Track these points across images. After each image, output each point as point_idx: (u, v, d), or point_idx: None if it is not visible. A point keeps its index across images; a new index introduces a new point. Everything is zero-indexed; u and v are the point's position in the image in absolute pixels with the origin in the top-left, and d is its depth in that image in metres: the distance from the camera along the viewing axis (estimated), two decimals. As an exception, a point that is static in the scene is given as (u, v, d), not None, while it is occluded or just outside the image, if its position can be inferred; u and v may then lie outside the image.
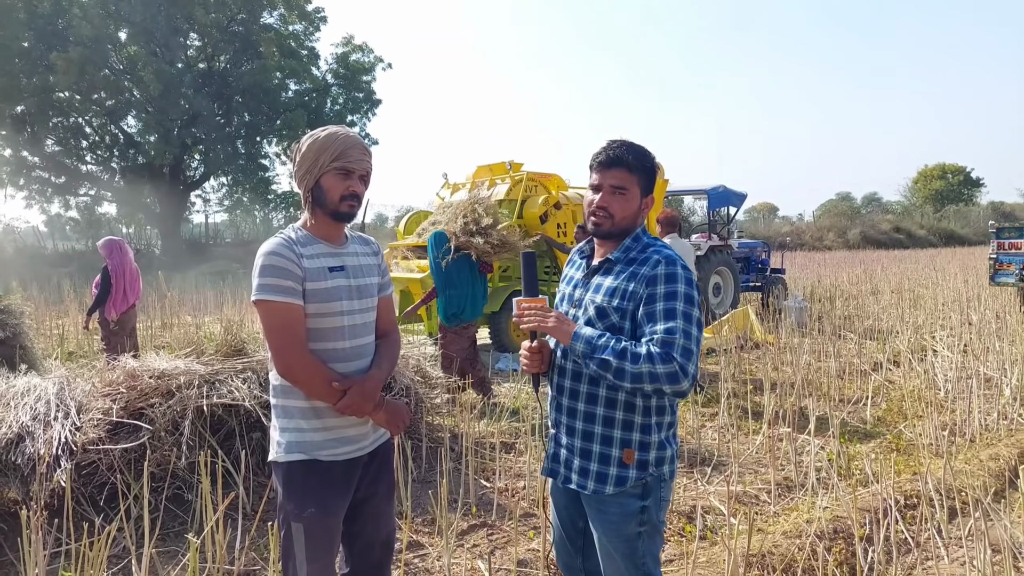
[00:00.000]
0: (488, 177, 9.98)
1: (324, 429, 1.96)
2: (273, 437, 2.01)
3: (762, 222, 49.02)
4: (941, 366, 6.59)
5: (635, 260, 1.93)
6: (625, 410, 1.92)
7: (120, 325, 6.12)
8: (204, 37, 27.32)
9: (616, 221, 1.93)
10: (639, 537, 1.94)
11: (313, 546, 1.91)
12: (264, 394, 3.97)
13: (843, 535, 3.36)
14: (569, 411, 2.00)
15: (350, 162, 1.95)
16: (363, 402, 1.94)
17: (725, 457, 4.68)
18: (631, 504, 1.92)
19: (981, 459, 4.26)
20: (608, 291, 1.92)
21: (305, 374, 1.90)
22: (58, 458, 3.32)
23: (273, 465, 2.00)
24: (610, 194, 1.92)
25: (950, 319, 10.22)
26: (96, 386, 3.76)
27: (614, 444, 1.92)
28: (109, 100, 26.01)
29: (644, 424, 1.92)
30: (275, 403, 2.01)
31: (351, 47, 30.40)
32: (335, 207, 1.97)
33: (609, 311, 1.91)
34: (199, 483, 3.59)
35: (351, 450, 2.00)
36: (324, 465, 1.95)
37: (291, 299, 1.89)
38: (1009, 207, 50.98)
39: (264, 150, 30.74)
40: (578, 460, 1.97)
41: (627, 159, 1.91)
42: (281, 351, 1.89)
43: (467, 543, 3.53)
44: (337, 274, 1.98)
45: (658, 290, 1.84)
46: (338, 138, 1.95)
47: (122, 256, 6.18)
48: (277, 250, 1.90)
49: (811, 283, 15.83)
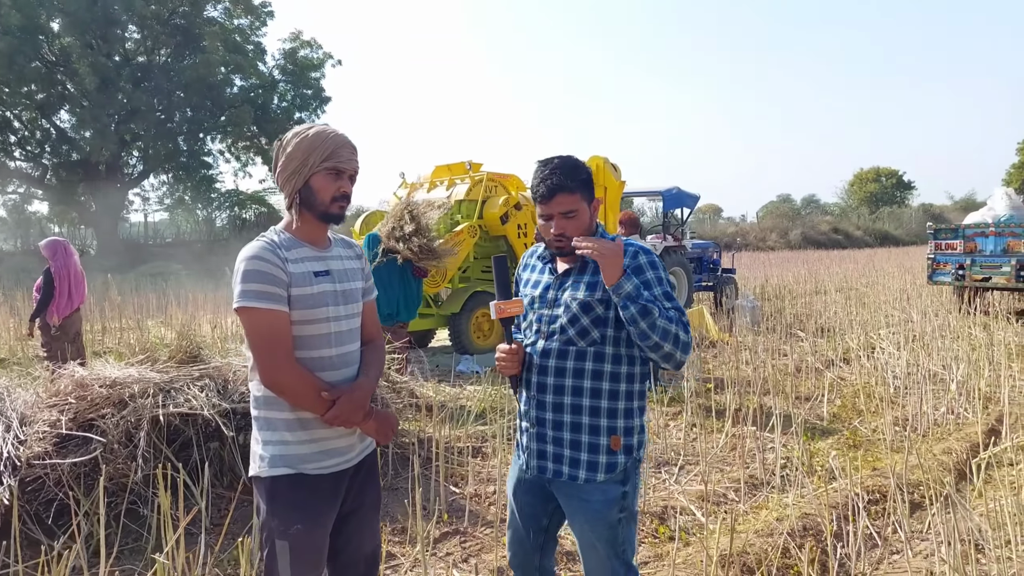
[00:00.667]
0: (447, 177, 9.89)
1: (311, 441, 1.87)
2: (255, 451, 1.90)
3: (708, 223, 50.10)
4: (889, 363, 6.81)
5: None
6: (610, 399, 2.01)
7: (63, 330, 5.80)
8: (144, 29, 26.38)
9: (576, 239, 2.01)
10: (620, 524, 2.02)
11: (299, 564, 1.82)
12: (223, 402, 3.81)
13: (812, 532, 3.41)
14: (555, 407, 2.04)
15: (341, 162, 1.87)
16: (353, 412, 1.86)
17: (691, 456, 4.72)
18: (613, 491, 2.00)
19: (935, 453, 4.40)
20: (589, 286, 2.00)
21: (292, 384, 1.81)
22: (0, 474, 3.10)
23: (255, 480, 1.89)
24: (562, 219, 2.00)
25: (892, 317, 10.61)
26: (40, 396, 3.54)
27: (602, 432, 2.00)
28: (40, 93, 24.81)
29: (627, 409, 2.02)
30: (257, 415, 1.90)
31: (299, 43, 29.80)
32: (325, 209, 1.89)
33: (593, 304, 1.99)
34: (156, 497, 3.41)
35: (338, 462, 1.92)
36: (311, 479, 1.85)
37: (276, 306, 1.79)
38: (939, 209, 53.31)
39: (207, 147, 29.90)
40: (568, 451, 2.02)
41: (566, 184, 1.98)
42: (266, 361, 1.79)
43: (440, 551, 3.45)
44: (323, 279, 1.89)
45: (649, 276, 1.97)
46: (328, 137, 1.87)
47: (66, 257, 5.86)
48: (260, 254, 1.81)
49: (759, 283, 16.23)
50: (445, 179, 9.89)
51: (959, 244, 11.23)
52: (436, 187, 9.94)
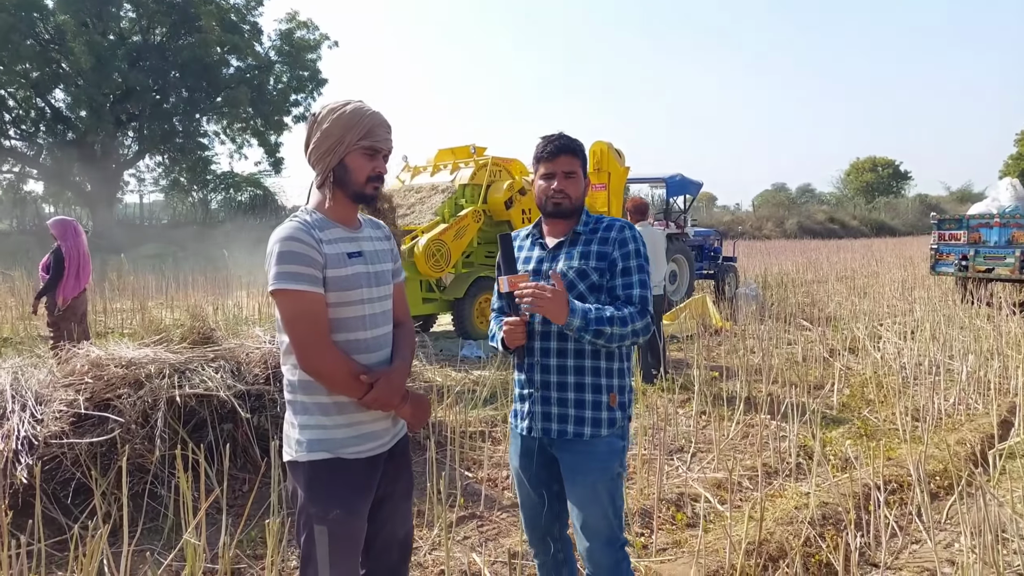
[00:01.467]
0: (451, 160, 9.82)
1: (347, 425, 1.83)
2: (291, 435, 1.86)
3: (703, 211, 50.09)
4: (896, 353, 6.82)
5: (599, 228, 2.20)
6: (607, 359, 2.16)
7: (70, 310, 5.74)
8: (139, 8, 26.00)
9: (573, 200, 2.18)
10: (619, 477, 2.17)
11: (337, 550, 1.79)
12: (238, 383, 3.78)
13: (832, 521, 3.42)
14: (559, 369, 2.15)
15: (378, 141, 1.83)
16: (391, 395, 1.83)
17: (702, 444, 4.71)
18: (616, 443, 2.16)
19: (949, 443, 4.41)
20: (583, 255, 2.16)
21: (330, 368, 1.77)
22: (17, 453, 3.07)
23: (291, 465, 1.86)
24: (564, 178, 2.16)
25: (896, 307, 10.63)
26: (55, 375, 3.49)
27: (603, 391, 2.15)
28: (35, 72, 24.47)
29: (620, 369, 2.19)
30: (292, 399, 1.86)
31: (295, 23, 29.46)
32: (360, 189, 1.85)
33: (589, 272, 2.15)
34: (173, 478, 3.39)
35: (374, 447, 1.89)
36: (348, 464, 1.83)
37: (312, 288, 1.75)
38: (935, 199, 53.38)
39: (203, 128, 29.61)
40: (573, 411, 2.14)
41: (571, 146, 2.19)
42: (304, 344, 1.75)
43: (458, 535, 3.44)
44: (356, 260, 1.85)
45: (628, 250, 2.15)
46: (366, 115, 1.82)
47: (76, 238, 5.80)
48: (295, 235, 1.76)
49: (759, 271, 16.23)
50: (449, 163, 9.82)
51: (963, 235, 11.23)
52: (440, 171, 9.87)
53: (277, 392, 3.93)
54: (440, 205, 9.04)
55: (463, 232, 8.63)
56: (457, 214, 8.79)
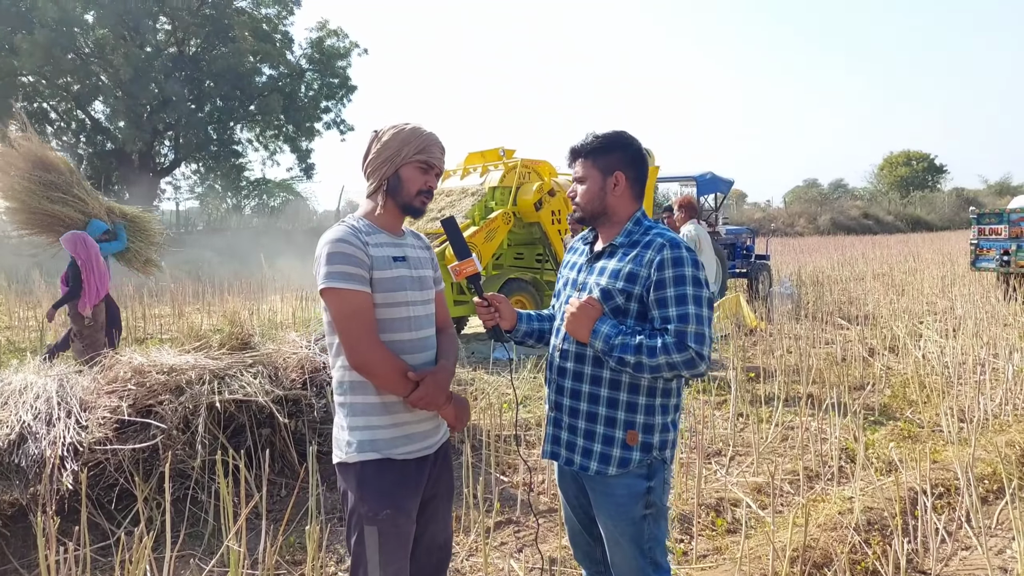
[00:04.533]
0: (480, 163, 9.83)
1: (395, 426, 1.90)
2: (340, 437, 1.93)
3: (734, 208, 49.42)
4: (939, 352, 6.64)
5: (638, 243, 1.96)
6: (629, 392, 1.94)
7: (95, 319, 5.96)
8: (175, 20, 26.52)
9: (582, 207, 2.04)
10: (644, 520, 1.95)
11: (387, 550, 1.84)
12: (276, 388, 3.82)
13: (878, 527, 3.33)
14: (572, 392, 2.01)
15: (432, 157, 1.95)
16: (437, 394, 1.89)
17: (740, 447, 4.64)
18: (638, 485, 1.94)
19: (997, 445, 4.27)
20: (613, 273, 1.96)
21: (379, 365, 1.84)
22: (63, 459, 3.14)
23: (342, 467, 1.92)
24: (577, 184, 2.06)
25: (935, 304, 10.36)
26: (99, 382, 3.57)
27: (618, 425, 1.94)
28: (76, 85, 25.14)
29: (648, 405, 1.94)
30: (342, 401, 1.93)
31: (326, 32, 29.76)
32: (409, 200, 1.95)
33: (614, 292, 1.93)
34: (214, 483, 3.43)
35: (421, 448, 1.95)
36: (397, 464, 1.89)
37: (361, 287, 1.84)
38: (971, 193, 51.98)
39: (237, 136, 30.10)
40: (582, 441, 1.99)
41: (578, 149, 2.03)
42: (354, 341, 1.83)
43: (495, 541, 3.43)
44: (400, 264, 1.95)
45: (666, 275, 1.87)
46: (423, 133, 1.95)
47: (87, 249, 6.02)
48: (344, 237, 1.86)
49: (793, 269, 15.96)
50: (478, 166, 9.84)
51: (1004, 229, 10.91)
52: (469, 174, 9.90)
53: (314, 396, 3.97)
54: (470, 208, 9.05)
55: (493, 234, 8.64)
56: (487, 216, 8.80)
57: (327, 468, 3.89)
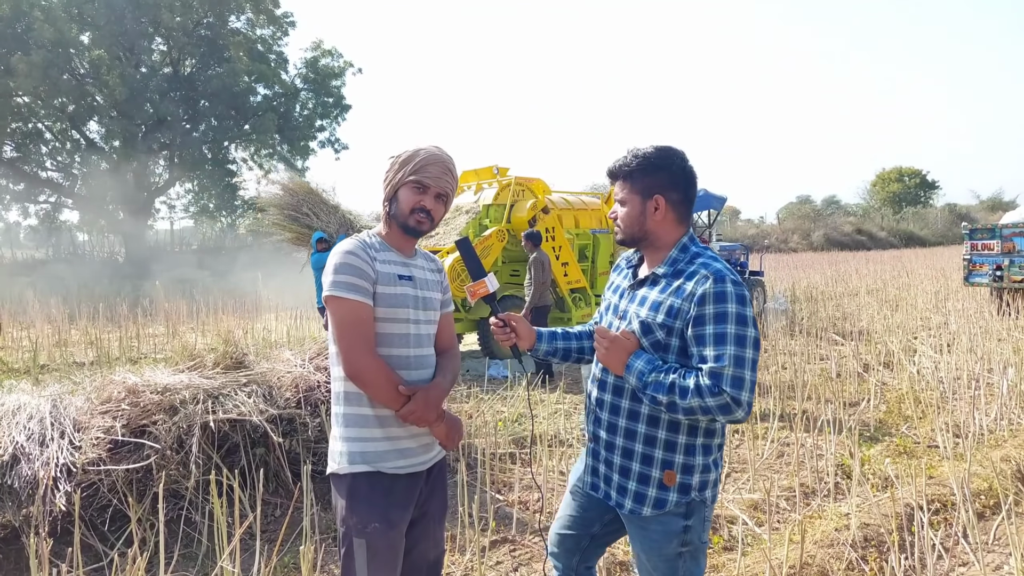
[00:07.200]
0: (475, 181, 9.88)
1: (387, 440, 1.92)
2: (334, 448, 1.96)
3: (727, 224, 49.64)
4: (933, 367, 6.66)
5: (682, 273, 1.84)
6: (669, 430, 1.84)
7: None
8: (170, 41, 26.70)
9: (623, 230, 1.96)
10: (680, 558, 1.87)
11: (376, 563, 1.85)
12: (270, 407, 3.81)
13: (874, 543, 3.32)
14: (609, 426, 1.93)
15: (426, 177, 1.97)
16: (428, 410, 1.91)
17: (736, 464, 4.63)
18: (674, 524, 1.85)
19: (993, 460, 4.28)
20: (653, 305, 1.85)
21: (372, 375, 1.88)
22: (56, 480, 3.11)
23: (334, 477, 1.95)
24: (618, 205, 1.98)
25: (929, 319, 10.41)
26: (93, 402, 3.55)
27: (655, 464, 1.84)
28: (71, 105, 25.20)
29: (688, 445, 1.84)
30: (338, 411, 1.96)
31: (320, 52, 30.00)
32: (404, 219, 1.99)
33: (654, 327, 1.84)
34: (208, 504, 3.41)
35: (412, 464, 1.96)
36: (388, 478, 1.91)
37: (362, 298, 1.89)
38: (964, 208, 52.37)
39: (231, 155, 30.18)
40: (617, 477, 1.92)
41: (615, 170, 1.95)
42: (349, 347, 1.87)
43: (490, 560, 3.40)
44: (405, 282, 1.99)
45: (707, 311, 1.75)
46: (420, 153, 1.98)
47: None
48: (353, 250, 1.93)
49: (787, 285, 16.02)
50: (472, 183, 9.89)
51: (996, 244, 11.00)
52: (463, 191, 9.94)
53: (309, 415, 3.96)
54: (464, 226, 9.09)
55: (487, 252, 8.67)
56: (481, 234, 8.83)
57: (321, 487, 3.87)
